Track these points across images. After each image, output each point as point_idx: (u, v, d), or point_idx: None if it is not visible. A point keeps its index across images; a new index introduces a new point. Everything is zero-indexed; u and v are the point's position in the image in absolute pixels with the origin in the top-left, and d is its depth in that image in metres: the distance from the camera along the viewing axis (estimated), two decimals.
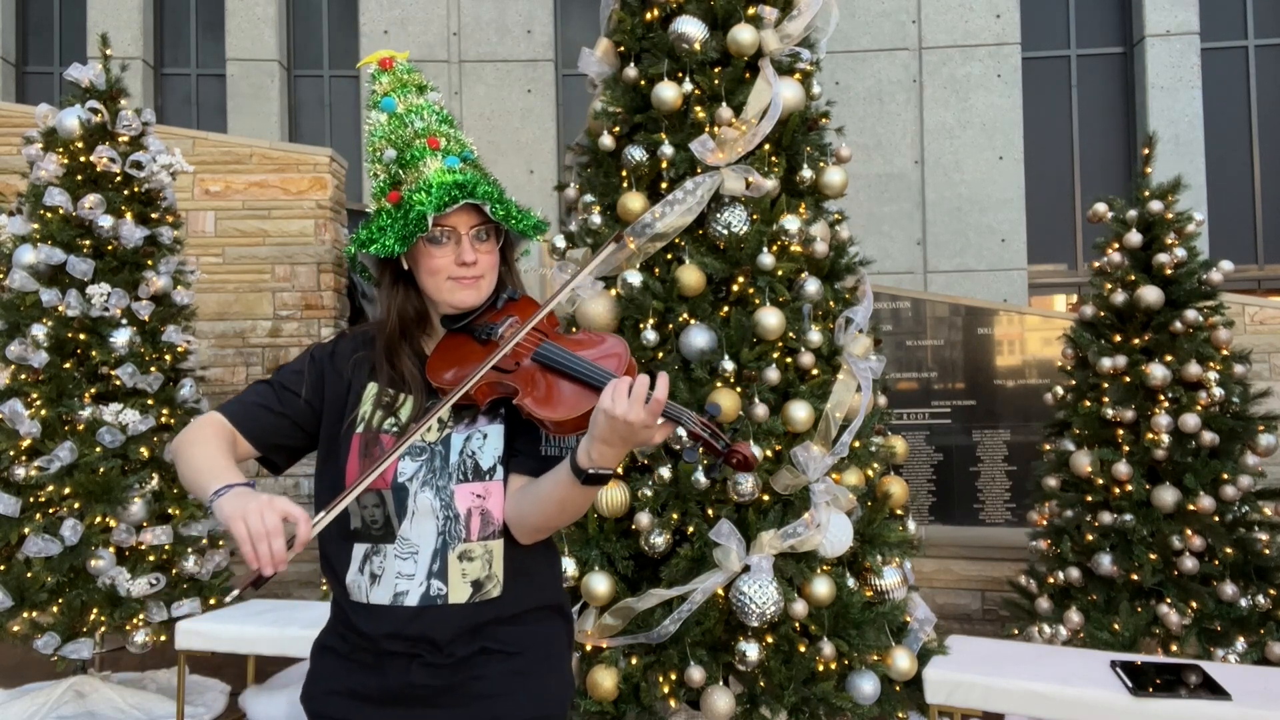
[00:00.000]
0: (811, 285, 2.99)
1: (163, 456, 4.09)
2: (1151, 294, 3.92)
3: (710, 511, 2.85)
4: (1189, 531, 3.77)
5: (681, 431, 1.37)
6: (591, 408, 1.32)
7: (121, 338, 4.02)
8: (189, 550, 4.11)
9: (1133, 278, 4.04)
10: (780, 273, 2.97)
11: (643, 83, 3.15)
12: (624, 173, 3.12)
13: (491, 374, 1.41)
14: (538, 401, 1.38)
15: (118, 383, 4.03)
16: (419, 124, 1.48)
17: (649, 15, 3.18)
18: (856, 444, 3.03)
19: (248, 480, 1.31)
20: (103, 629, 3.89)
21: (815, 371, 3.00)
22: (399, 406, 1.46)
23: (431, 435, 1.45)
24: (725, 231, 2.97)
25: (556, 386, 1.39)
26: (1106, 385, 4.02)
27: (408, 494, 1.42)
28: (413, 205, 1.41)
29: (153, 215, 4.31)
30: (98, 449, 3.88)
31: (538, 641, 1.49)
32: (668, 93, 3.02)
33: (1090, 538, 3.93)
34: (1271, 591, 3.74)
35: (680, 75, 3.10)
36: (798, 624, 2.82)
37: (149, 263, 4.23)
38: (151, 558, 3.99)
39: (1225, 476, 3.79)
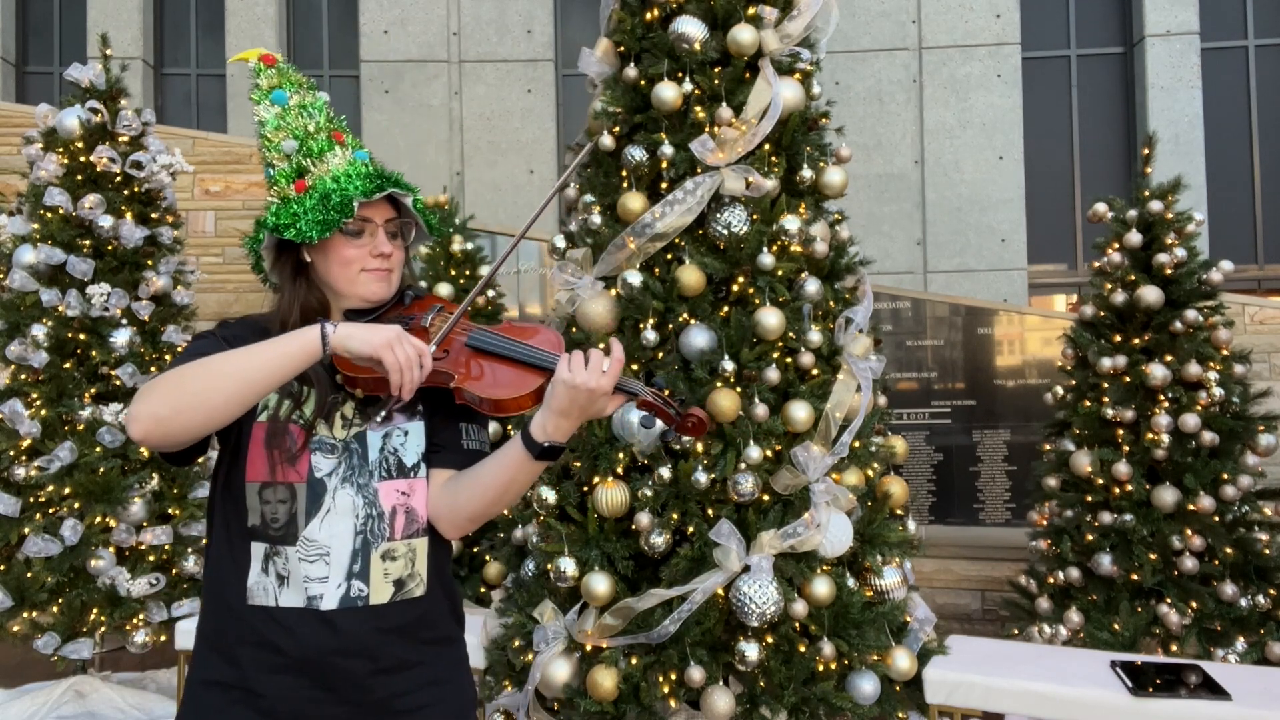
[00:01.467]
0: (811, 285, 2.99)
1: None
2: (1151, 294, 3.92)
3: (710, 511, 2.85)
4: (1189, 531, 3.77)
5: (633, 415, 1.42)
6: (534, 388, 1.35)
7: (121, 338, 4.02)
8: (189, 550, 4.11)
9: (1133, 278, 4.05)
10: (780, 273, 2.97)
11: (643, 83, 3.15)
12: (624, 173, 3.12)
13: None
14: (477, 384, 1.38)
15: (118, 383, 4.03)
16: (317, 118, 1.49)
17: (649, 15, 3.18)
18: (856, 444, 3.03)
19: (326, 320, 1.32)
20: (103, 629, 3.89)
21: (815, 371, 3.00)
22: (305, 399, 1.40)
23: (343, 433, 1.41)
24: (725, 231, 2.97)
25: (494, 370, 1.40)
26: (1106, 385, 4.02)
27: (325, 490, 1.36)
28: (332, 192, 1.40)
29: (153, 215, 4.31)
30: (98, 449, 3.89)
31: (446, 649, 1.47)
32: (668, 93, 3.02)
33: (1090, 538, 3.93)
34: (1271, 591, 3.74)
35: (680, 75, 3.10)
36: (798, 624, 2.82)
37: (149, 263, 4.23)
38: (151, 558, 3.99)
39: (1225, 476, 3.79)
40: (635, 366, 2.97)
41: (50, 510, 3.85)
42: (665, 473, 2.84)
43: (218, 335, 1.43)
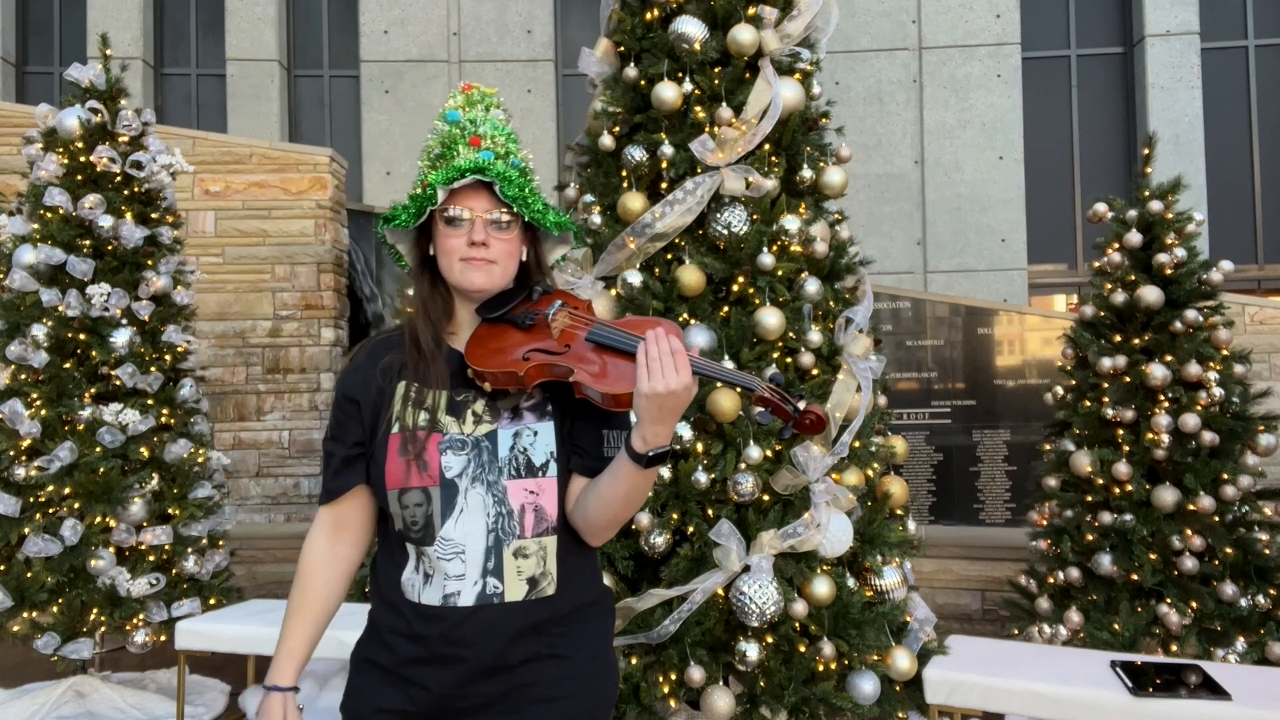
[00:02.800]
0: (811, 285, 2.99)
1: (163, 456, 4.10)
2: (1151, 294, 3.92)
3: (710, 511, 2.85)
4: (1189, 531, 3.77)
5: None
6: None
7: (121, 338, 4.01)
8: (189, 550, 4.11)
9: (1133, 278, 4.05)
10: (780, 273, 2.97)
11: (643, 83, 3.15)
12: (624, 173, 3.12)
13: (542, 357, 1.43)
14: (593, 378, 1.39)
15: (118, 383, 4.03)
16: (470, 130, 1.51)
17: (649, 15, 3.18)
18: (856, 444, 3.03)
19: (282, 688, 1.48)
20: (103, 629, 3.89)
21: (815, 371, 3.00)
22: (426, 400, 1.46)
23: (472, 429, 1.45)
24: (725, 231, 2.97)
25: (611, 364, 1.41)
26: (1106, 385, 4.02)
27: (457, 490, 1.41)
28: (432, 181, 1.45)
29: (153, 215, 4.31)
30: (98, 449, 3.88)
31: (588, 640, 1.50)
32: (668, 93, 3.02)
33: (1090, 538, 3.93)
34: (1271, 591, 3.74)
35: (680, 75, 3.10)
36: (798, 624, 2.82)
37: (149, 263, 4.23)
38: (151, 558, 3.99)
39: (1225, 476, 3.79)
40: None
41: (50, 510, 3.85)
42: (665, 473, 2.84)
43: (339, 396, 1.53)
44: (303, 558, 1.53)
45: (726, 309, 3.00)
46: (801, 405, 1.39)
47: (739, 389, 1.41)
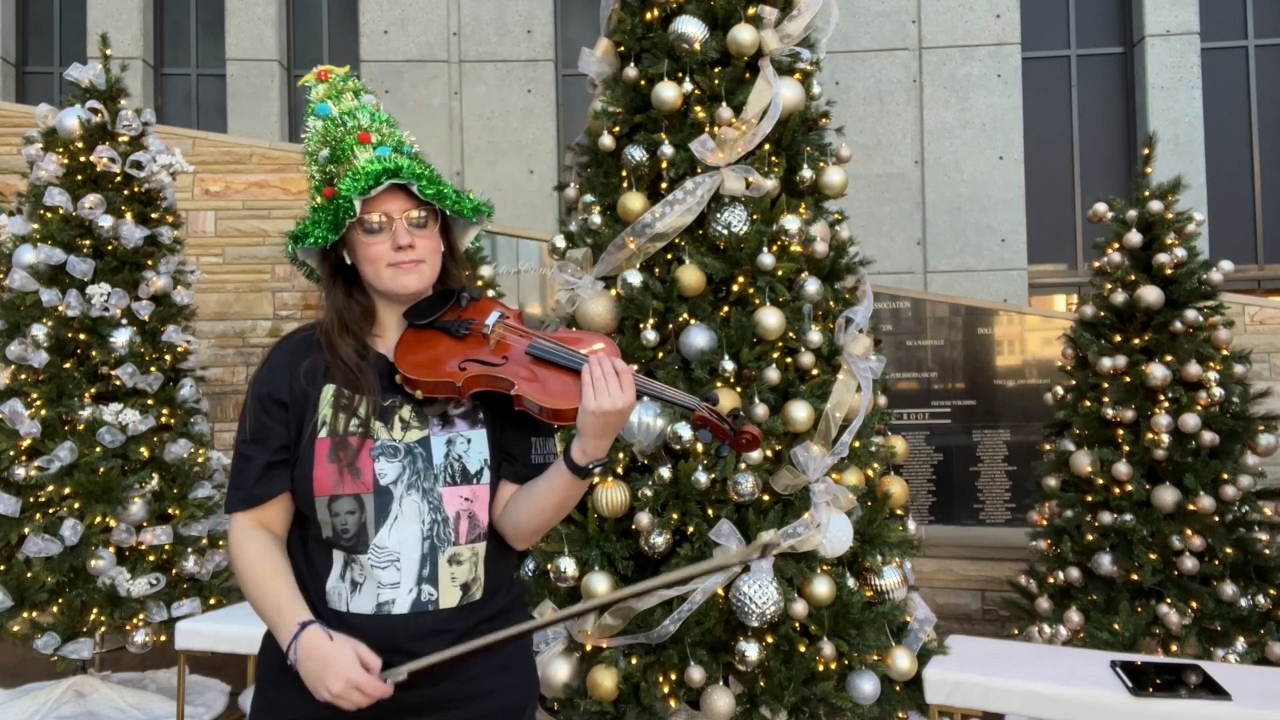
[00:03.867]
0: (811, 285, 2.99)
1: (163, 456, 4.10)
2: (1151, 294, 3.92)
3: (710, 511, 2.85)
4: (1189, 531, 3.77)
5: (684, 430, 1.45)
6: None
7: (121, 338, 4.01)
8: (189, 550, 4.10)
9: (1133, 278, 4.04)
10: (780, 273, 2.97)
11: (643, 83, 3.15)
12: (624, 173, 3.12)
13: (480, 368, 1.43)
14: (535, 392, 1.40)
15: (118, 383, 4.03)
16: (351, 124, 1.49)
17: (649, 15, 3.18)
18: (856, 444, 3.03)
19: (298, 623, 1.34)
20: (103, 629, 3.89)
21: (815, 371, 3.00)
22: (357, 406, 1.42)
23: (401, 435, 1.43)
24: (725, 231, 2.97)
25: (553, 378, 1.42)
26: (1106, 385, 4.02)
27: (392, 498, 1.39)
28: (340, 191, 1.41)
29: (153, 215, 4.31)
30: (98, 449, 3.88)
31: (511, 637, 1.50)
32: (668, 93, 3.02)
33: (1090, 538, 3.93)
34: (1271, 591, 3.74)
35: (680, 75, 3.10)
36: (798, 624, 2.82)
37: (149, 263, 4.23)
38: (151, 558, 3.99)
39: (1225, 476, 3.79)
40: (635, 367, 2.97)
41: (50, 510, 3.85)
42: (665, 473, 2.84)
43: (260, 396, 1.45)
44: (243, 550, 1.42)
45: (726, 309, 3.00)
46: (735, 425, 1.43)
47: (685, 409, 1.45)
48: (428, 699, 1.40)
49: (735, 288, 3.00)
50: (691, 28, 3.05)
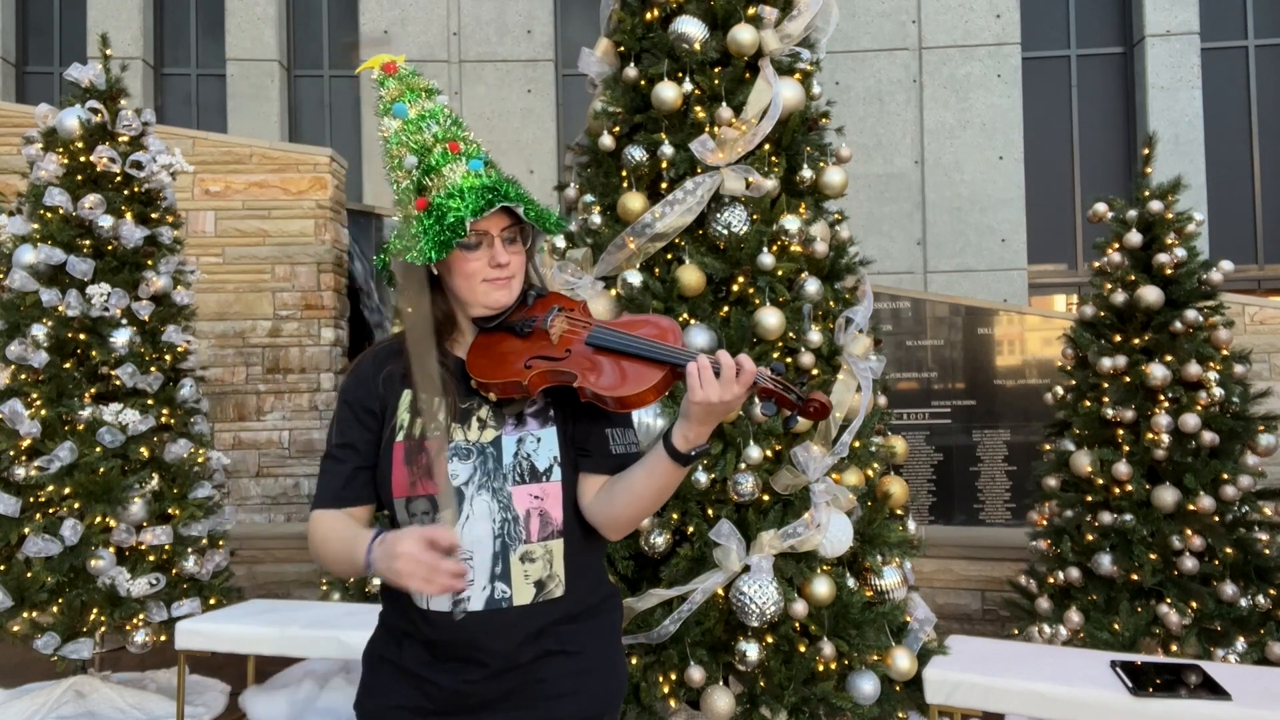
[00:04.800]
0: (811, 285, 2.99)
1: (163, 456, 4.10)
2: (1151, 294, 3.92)
3: (710, 511, 2.85)
4: (1189, 531, 3.77)
5: (755, 404, 1.42)
6: (655, 382, 1.39)
7: (121, 338, 4.01)
8: (189, 550, 4.10)
9: (1133, 278, 4.04)
10: (780, 273, 2.97)
11: (643, 83, 3.15)
12: (624, 173, 3.12)
13: (544, 364, 1.44)
14: (598, 383, 1.40)
15: (118, 383, 4.03)
16: (435, 129, 1.49)
17: (649, 15, 3.18)
18: (856, 444, 3.03)
19: (375, 533, 1.34)
20: (103, 629, 3.89)
21: (815, 371, 3.00)
22: (436, 410, 1.46)
23: (477, 435, 1.46)
24: (725, 231, 2.97)
25: (615, 367, 1.42)
26: (1106, 385, 4.02)
27: (463, 498, 1.43)
28: (447, 211, 1.42)
29: (153, 215, 4.31)
30: (98, 449, 3.88)
31: (597, 638, 1.52)
32: (668, 93, 3.02)
33: (1090, 538, 3.93)
34: (1271, 591, 3.74)
35: (680, 75, 3.10)
36: (798, 624, 2.82)
37: (149, 263, 4.23)
38: (151, 558, 3.99)
39: (1225, 476, 3.79)
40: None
41: (50, 510, 3.85)
42: None
43: (333, 449, 1.50)
44: (321, 524, 1.47)
45: (726, 309, 3.00)
46: (803, 393, 1.40)
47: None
48: (508, 691, 1.43)
49: (735, 288, 3.00)
50: (691, 28, 3.05)
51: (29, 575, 3.75)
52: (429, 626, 1.43)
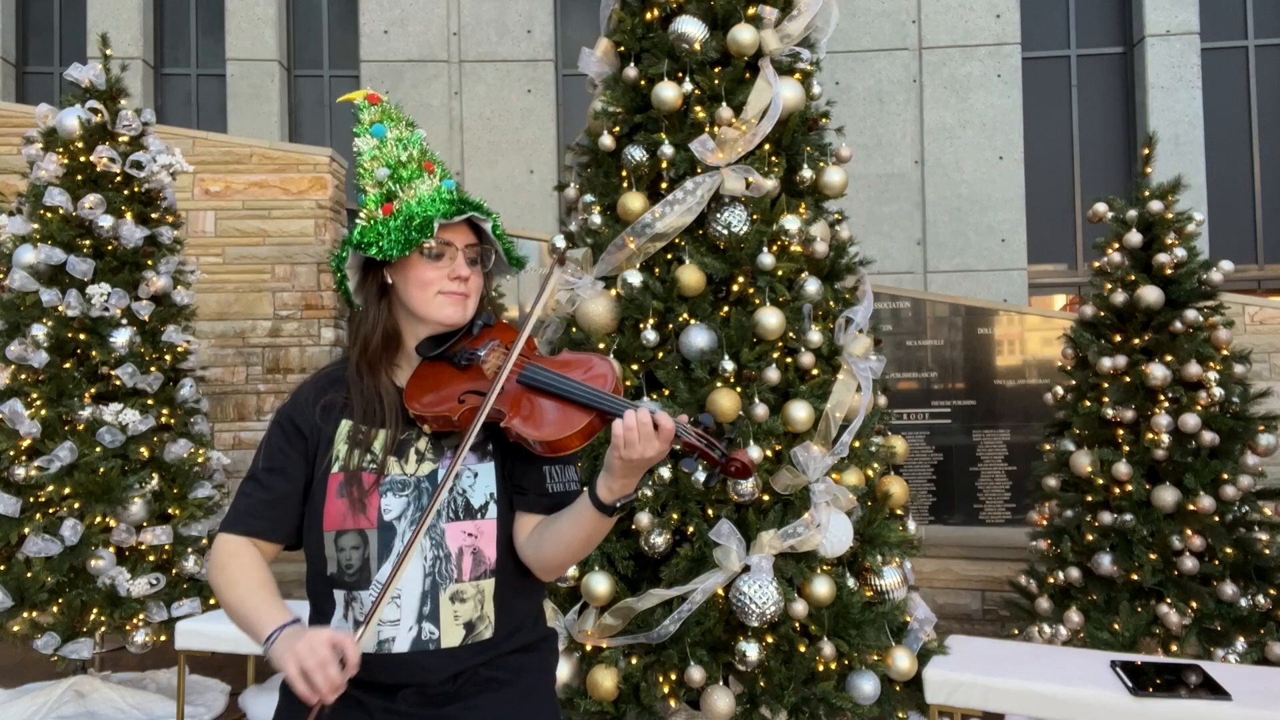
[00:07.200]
0: (811, 285, 2.99)
1: (163, 456, 4.09)
2: (1151, 294, 3.92)
3: (710, 511, 2.85)
4: (1189, 531, 3.77)
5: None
6: (581, 427, 1.35)
7: (121, 338, 4.01)
8: (189, 550, 4.11)
9: (1133, 278, 4.04)
10: (780, 273, 2.97)
11: (643, 83, 3.15)
12: (624, 173, 3.12)
13: (476, 399, 1.39)
14: (526, 422, 1.36)
15: (118, 383, 4.03)
16: (412, 151, 1.52)
17: (649, 15, 3.18)
18: (856, 444, 3.03)
19: (291, 618, 1.31)
20: (103, 629, 3.89)
21: (815, 371, 3.00)
22: (373, 440, 1.42)
23: (414, 468, 1.42)
24: (725, 231, 2.97)
25: (544, 407, 1.38)
26: (1106, 385, 4.02)
27: (394, 533, 1.38)
28: (416, 212, 1.43)
29: (153, 215, 4.31)
30: (98, 449, 3.88)
31: (529, 670, 1.48)
32: (668, 93, 3.02)
33: (1090, 538, 3.93)
34: (1271, 591, 3.74)
35: (680, 75, 3.10)
36: (798, 624, 2.82)
37: (149, 263, 4.23)
38: (151, 558, 3.99)
39: (1225, 476, 3.79)
40: (635, 367, 2.97)
41: (50, 510, 3.85)
42: (665, 473, 2.84)
43: (258, 473, 1.46)
44: (227, 558, 1.42)
45: (726, 309, 3.00)
46: (726, 450, 1.34)
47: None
48: (439, 716, 1.38)
49: (735, 288, 3.00)
50: (691, 28, 3.05)
51: (29, 575, 3.75)
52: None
